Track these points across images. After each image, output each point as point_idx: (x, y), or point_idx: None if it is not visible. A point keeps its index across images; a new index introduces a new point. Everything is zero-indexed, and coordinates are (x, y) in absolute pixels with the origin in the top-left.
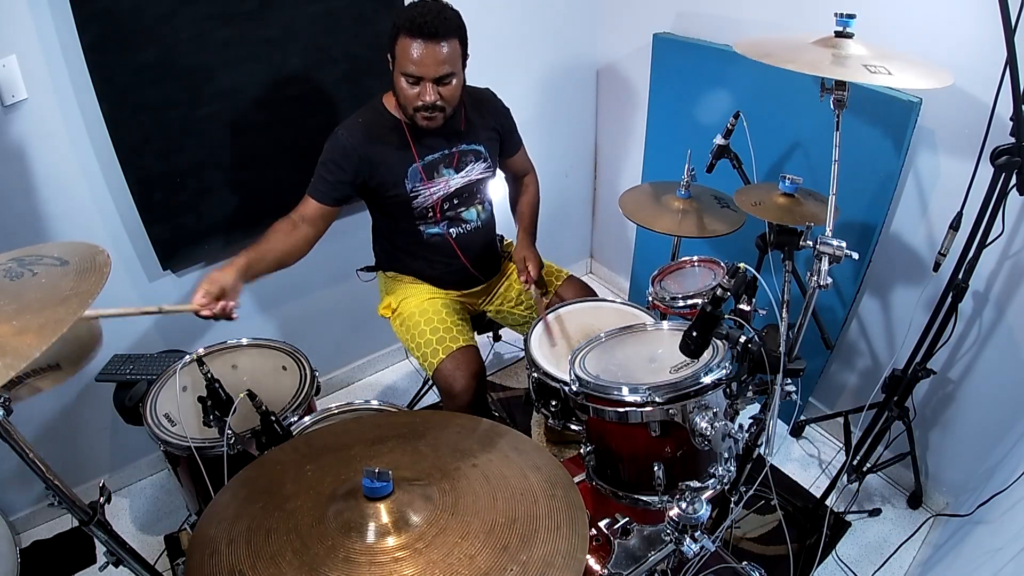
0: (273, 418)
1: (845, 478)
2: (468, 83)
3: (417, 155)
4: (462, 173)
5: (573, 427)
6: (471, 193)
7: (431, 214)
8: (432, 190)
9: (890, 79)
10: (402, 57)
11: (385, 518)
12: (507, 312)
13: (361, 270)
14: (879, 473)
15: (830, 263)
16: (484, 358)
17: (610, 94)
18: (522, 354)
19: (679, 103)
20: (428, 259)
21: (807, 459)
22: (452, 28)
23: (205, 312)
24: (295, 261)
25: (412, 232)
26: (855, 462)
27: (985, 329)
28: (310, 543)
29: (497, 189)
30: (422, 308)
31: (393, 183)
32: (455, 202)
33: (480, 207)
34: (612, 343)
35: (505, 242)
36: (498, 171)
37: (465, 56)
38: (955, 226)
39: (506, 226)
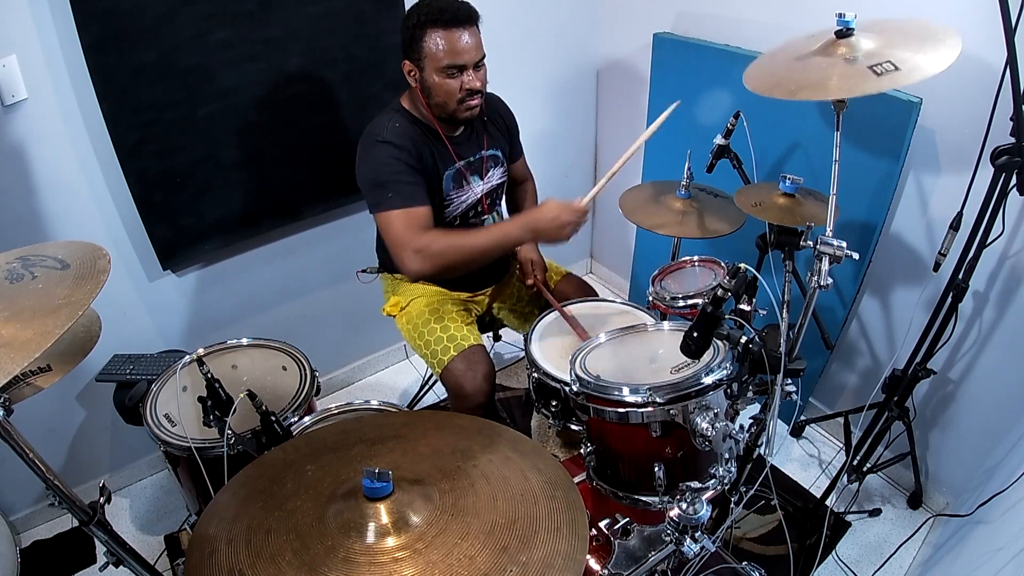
0: (273, 418)
1: (845, 478)
2: None
3: (456, 155)
4: (485, 179)
5: (573, 427)
6: (492, 199)
7: (457, 223)
8: (463, 198)
9: (899, 75)
10: (437, 51)
11: (385, 518)
12: (509, 308)
13: (362, 271)
14: (879, 473)
15: (830, 263)
16: None
17: (610, 94)
18: (522, 354)
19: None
20: None
21: (807, 459)
22: (475, 11)
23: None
24: None
25: None
26: (855, 462)
27: (985, 329)
28: (310, 543)
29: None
30: (432, 307)
31: (431, 191)
32: (478, 209)
33: (496, 212)
34: (612, 343)
35: None
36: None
37: None
38: (955, 226)
39: None
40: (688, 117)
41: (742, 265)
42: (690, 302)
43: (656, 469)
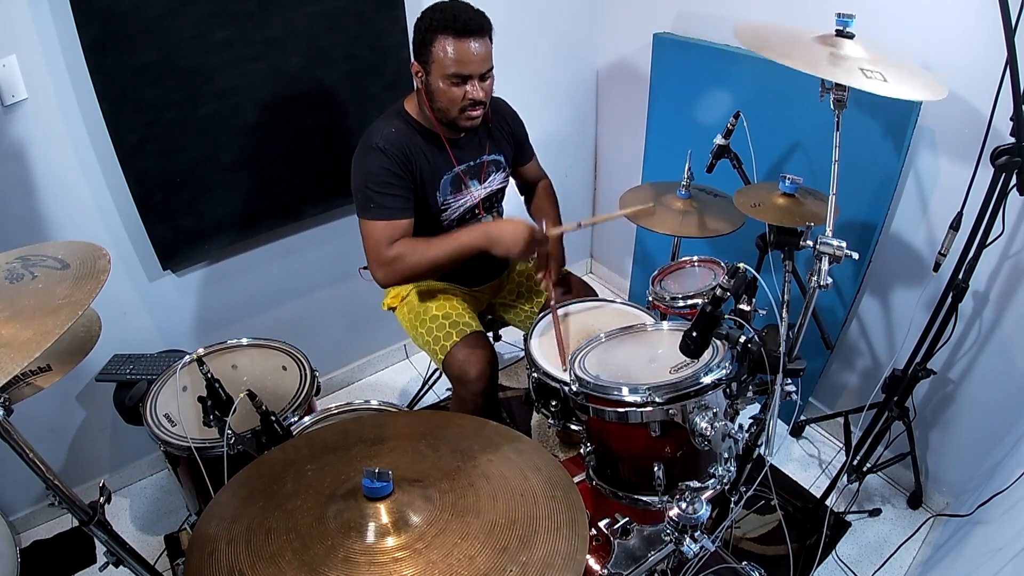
0: (273, 418)
1: (845, 478)
2: None
3: (456, 159)
4: (485, 184)
5: (573, 427)
6: (491, 203)
7: (455, 225)
8: (461, 201)
9: (884, 86)
10: (446, 59)
11: (385, 518)
12: (509, 304)
13: (364, 268)
14: (879, 473)
15: (830, 263)
16: None
17: (610, 94)
18: (522, 354)
19: (679, 103)
20: None
21: (807, 459)
22: (488, 23)
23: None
24: None
25: None
26: (855, 462)
27: (985, 329)
28: (310, 543)
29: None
30: (433, 296)
31: (428, 195)
32: (476, 212)
33: (495, 213)
34: (612, 343)
35: None
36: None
37: None
38: (955, 226)
39: None
40: (688, 117)
41: (741, 265)
42: (690, 302)
43: (656, 469)
